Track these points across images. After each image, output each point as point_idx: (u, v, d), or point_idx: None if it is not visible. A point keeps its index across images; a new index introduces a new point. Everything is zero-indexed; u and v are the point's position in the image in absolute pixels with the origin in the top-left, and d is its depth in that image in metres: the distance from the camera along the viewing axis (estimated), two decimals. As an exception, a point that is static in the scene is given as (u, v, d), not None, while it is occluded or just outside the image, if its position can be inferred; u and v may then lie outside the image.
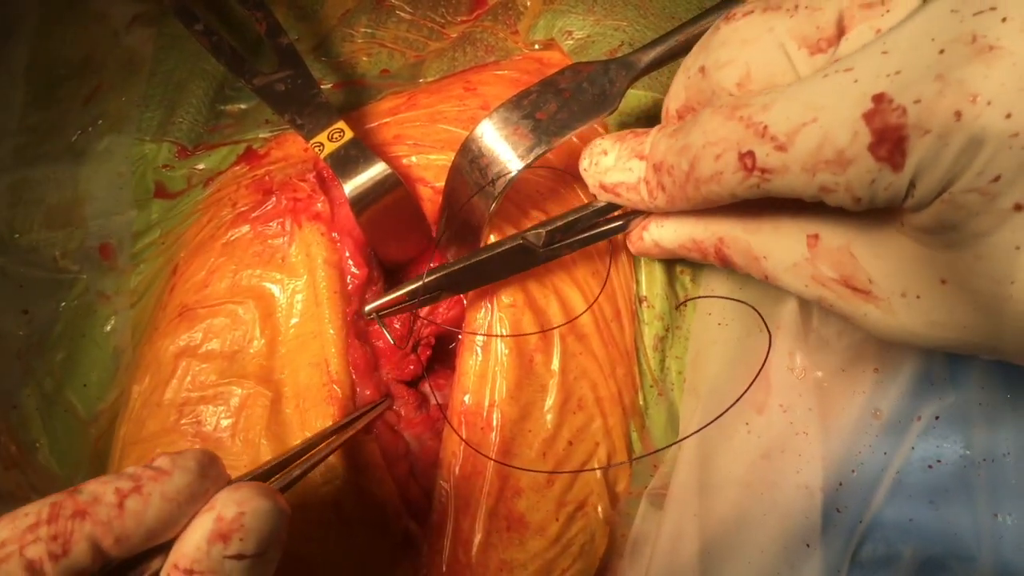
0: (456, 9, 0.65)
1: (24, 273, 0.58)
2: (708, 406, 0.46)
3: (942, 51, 0.28)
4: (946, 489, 0.42)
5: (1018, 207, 0.28)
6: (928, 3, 0.30)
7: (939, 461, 0.43)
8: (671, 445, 0.48)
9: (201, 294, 0.50)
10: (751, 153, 0.33)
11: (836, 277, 0.35)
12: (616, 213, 0.45)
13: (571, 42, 0.57)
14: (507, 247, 0.45)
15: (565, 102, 0.44)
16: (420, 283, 0.45)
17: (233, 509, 0.30)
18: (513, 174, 0.43)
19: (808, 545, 0.43)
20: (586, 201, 0.51)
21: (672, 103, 0.41)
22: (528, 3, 0.61)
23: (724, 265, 0.40)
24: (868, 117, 0.29)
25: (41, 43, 0.64)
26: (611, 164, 0.43)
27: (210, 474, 0.31)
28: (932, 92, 0.28)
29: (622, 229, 0.45)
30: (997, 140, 0.27)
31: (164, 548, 0.30)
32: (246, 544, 0.29)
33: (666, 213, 0.42)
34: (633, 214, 0.44)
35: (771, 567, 0.43)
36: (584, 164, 0.44)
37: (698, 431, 0.45)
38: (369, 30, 0.64)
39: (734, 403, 0.45)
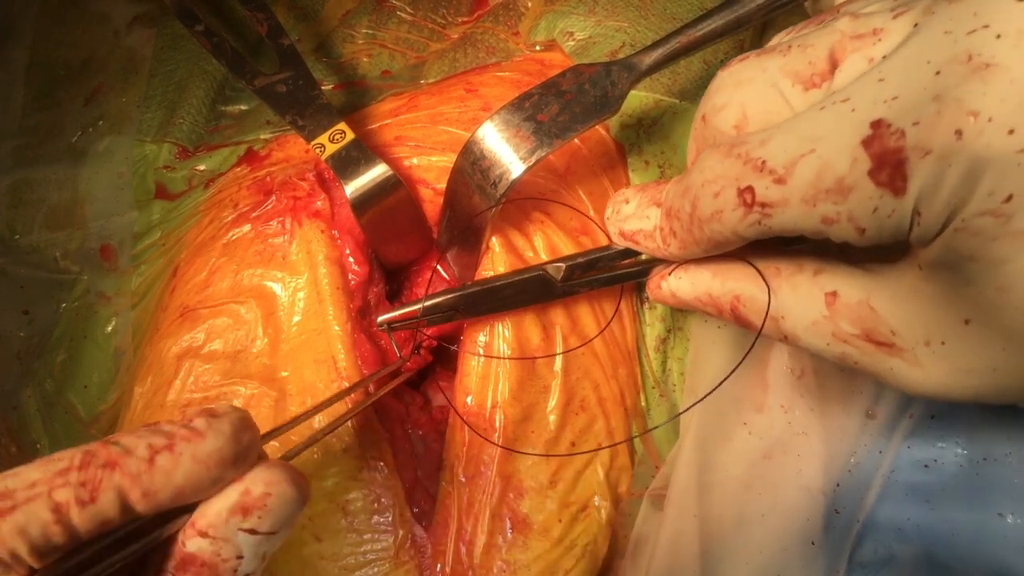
0: (457, 10, 0.65)
1: (25, 274, 0.58)
2: (707, 406, 0.47)
3: (938, 72, 0.28)
4: (943, 489, 0.42)
5: None
6: (920, 27, 0.30)
7: (936, 461, 0.42)
8: (656, 427, 0.48)
9: (203, 294, 0.50)
10: (750, 188, 0.33)
11: (857, 333, 0.34)
12: (637, 259, 0.45)
13: (572, 43, 0.57)
14: (525, 276, 0.45)
15: (567, 104, 0.44)
16: (434, 301, 0.45)
17: (261, 488, 0.30)
18: (515, 176, 0.43)
19: (809, 545, 0.43)
20: (591, 206, 0.51)
21: (689, 155, 0.41)
22: (529, 4, 0.61)
23: (740, 325, 0.39)
24: (867, 143, 0.29)
25: (41, 44, 0.64)
26: (631, 212, 0.43)
27: (243, 439, 0.31)
28: (930, 113, 0.27)
29: (642, 275, 0.45)
30: (1003, 157, 0.26)
31: (191, 509, 0.30)
32: (263, 522, 0.30)
33: (684, 262, 0.42)
34: (654, 261, 0.44)
35: (770, 567, 0.43)
36: (608, 213, 0.45)
37: (688, 409, 0.45)
38: (370, 31, 0.64)
39: (732, 372, 0.43)
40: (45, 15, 0.64)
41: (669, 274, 0.42)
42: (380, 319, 0.46)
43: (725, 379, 0.42)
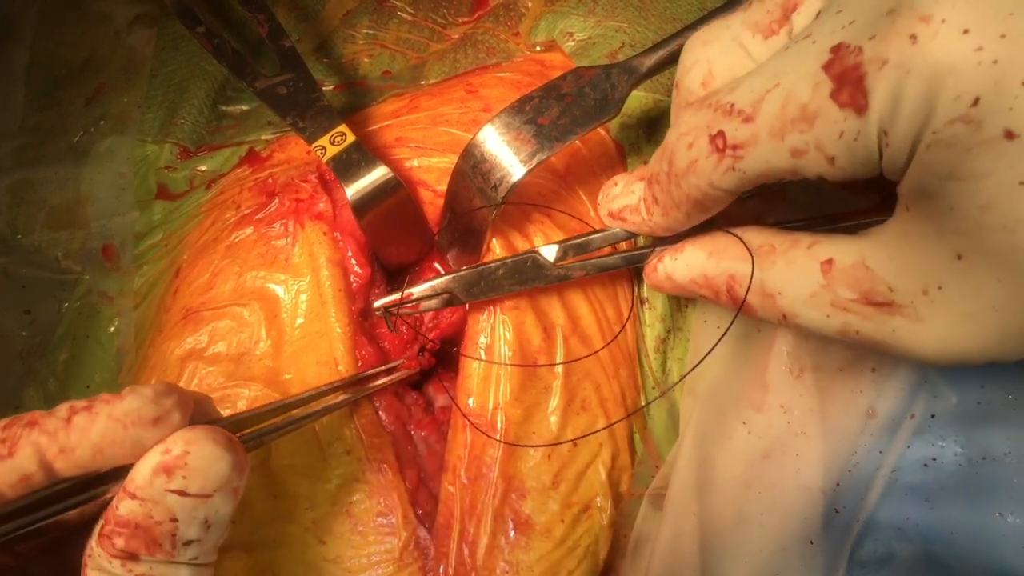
0: (457, 10, 0.65)
1: (26, 274, 0.59)
2: (707, 406, 0.47)
3: None
4: (943, 488, 0.42)
5: (1009, 134, 0.26)
6: None
7: (935, 460, 0.42)
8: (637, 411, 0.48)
9: (206, 296, 0.50)
10: (721, 133, 0.33)
11: (856, 296, 0.33)
12: (632, 246, 0.46)
13: (572, 43, 0.57)
14: (518, 258, 0.46)
15: (567, 107, 0.44)
16: (429, 284, 0.45)
17: (180, 447, 0.31)
18: (516, 180, 0.43)
19: (808, 544, 0.43)
20: (591, 207, 0.51)
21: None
22: (529, 4, 0.61)
23: (736, 306, 0.38)
24: (827, 66, 0.29)
25: (42, 44, 0.64)
26: (619, 192, 0.43)
27: (164, 403, 0.32)
28: (885, 24, 0.27)
29: (636, 261, 0.45)
30: (962, 58, 0.26)
31: (125, 474, 0.31)
32: (188, 482, 0.31)
33: (672, 238, 0.42)
34: (647, 247, 0.44)
35: (770, 567, 0.43)
36: (599, 199, 0.45)
37: (679, 381, 0.46)
38: (371, 31, 0.64)
39: (721, 337, 0.43)
40: (46, 15, 0.64)
41: (665, 256, 0.42)
42: (376, 303, 0.46)
43: (714, 347, 0.43)
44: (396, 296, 0.46)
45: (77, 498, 0.32)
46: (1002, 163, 0.26)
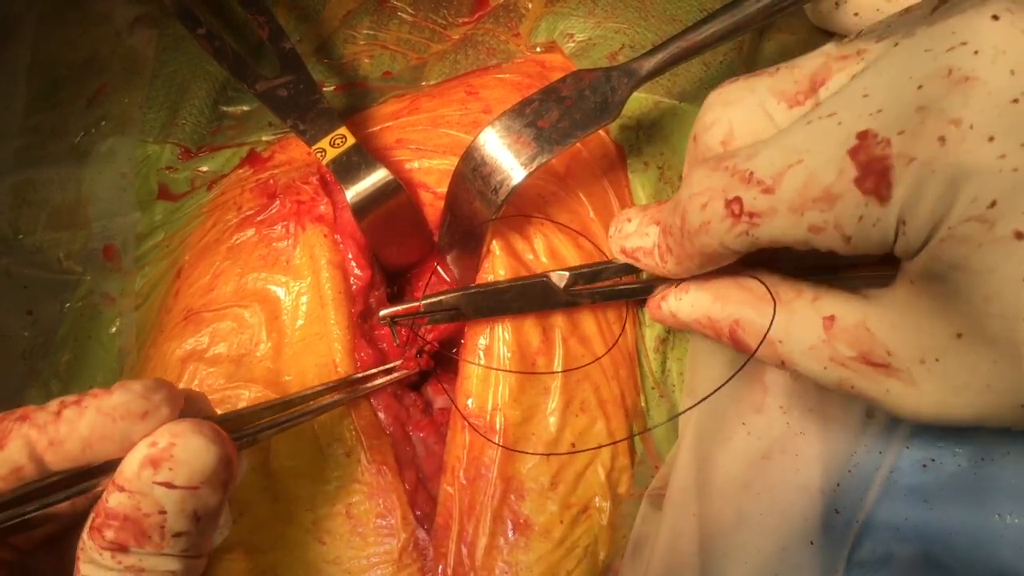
0: (458, 11, 0.65)
1: (28, 274, 0.59)
2: (706, 407, 0.47)
3: (920, 87, 0.29)
4: (942, 489, 0.42)
5: (1019, 235, 0.27)
6: (901, 46, 0.31)
7: (934, 460, 0.42)
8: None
9: (207, 297, 0.51)
10: (738, 199, 0.34)
11: (854, 355, 0.34)
12: (639, 278, 0.46)
13: (572, 44, 0.57)
14: (529, 281, 0.46)
15: (567, 110, 0.44)
16: (437, 299, 0.46)
17: (166, 439, 0.31)
18: (516, 183, 0.43)
19: (808, 544, 0.43)
20: (591, 208, 0.51)
21: (684, 176, 0.42)
22: (529, 5, 0.61)
23: (738, 349, 0.39)
24: (853, 152, 0.30)
25: (43, 44, 0.64)
26: (632, 230, 0.44)
27: (153, 397, 0.32)
28: (914, 123, 0.28)
29: (643, 293, 0.45)
30: (984, 163, 0.27)
31: (116, 468, 0.32)
32: (175, 474, 0.31)
33: (683, 281, 0.42)
34: (655, 280, 0.45)
35: (769, 567, 0.43)
36: (611, 231, 0.46)
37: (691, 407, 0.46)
38: (371, 32, 0.64)
39: (725, 383, 0.44)
40: (47, 15, 0.64)
41: (670, 295, 0.42)
42: (382, 312, 0.47)
43: (719, 388, 0.43)
44: (404, 307, 0.46)
45: (67, 491, 0.32)
46: (1010, 261, 0.28)
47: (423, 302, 0.46)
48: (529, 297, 0.46)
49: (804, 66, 0.36)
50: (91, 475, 0.32)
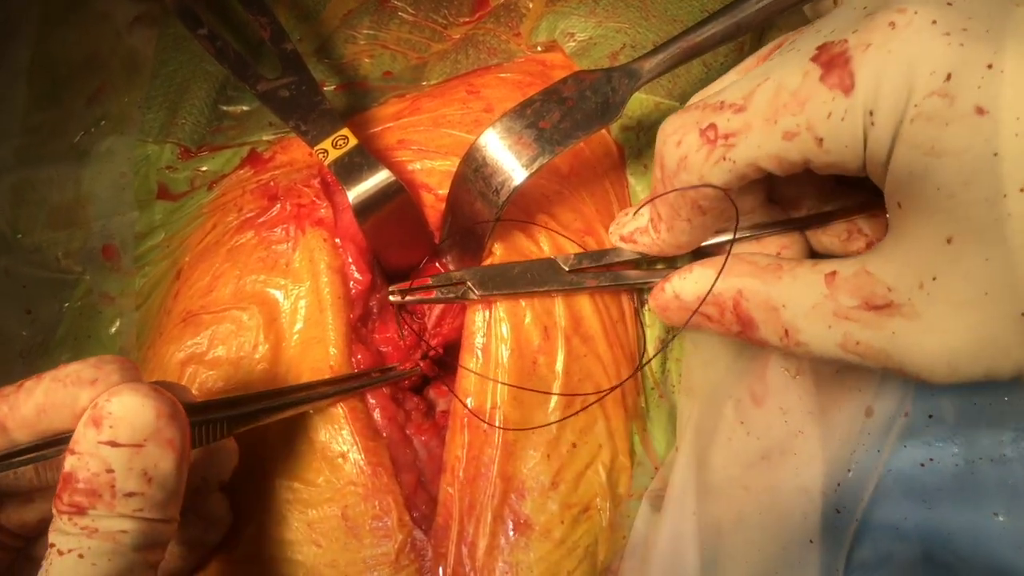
0: (458, 10, 0.65)
1: (27, 273, 0.59)
2: (706, 407, 0.47)
3: (866, 7, 0.33)
4: (940, 488, 0.42)
5: (979, 110, 0.29)
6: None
7: (932, 460, 0.42)
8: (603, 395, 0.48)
9: (206, 299, 0.50)
10: (712, 125, 0.36)
11: (856, 303, 0.34)
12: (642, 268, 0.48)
13: (573, 44, 0.57)
14: (535, 261, 0.48)
15: (568, 111, 0.44)
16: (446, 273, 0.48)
17: (104, 397, 0.32)
18: (517, 184, 0.43)
19: (808, 544, 0.43)
20: (594, 207, 0.52)
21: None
22: (530, 5, 0.61)
23: (741, 325, 0.39)
24: (815, 58, 0.33)
25: (43, 43, 0.64)
26: (628, 218, 0.46)
27: (104, 367, 0.34)
28: (866, 21, 0.31)
29: (647, 280, 0.47)
30: (932, 38, 0.30)
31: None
32: (116, 431, 0.32)
33: (677, 247, 0.44)
34: (659, 272, 0.46)
35: (769, 568, 0.43)
36: (611, 228, 0.48)
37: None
38: (371, 32, 0.64)
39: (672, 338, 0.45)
40: (47, 15, 0.64)
41: (674, 276, 0.43)
42: (392, 288, 0.48)
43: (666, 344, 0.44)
44: (411, 284, 0.48)
45: (30, 455, 0.34)
46: (977, 138, 0.29)
47: (432, 276, 0.48)
48: (535, 275, 0.47)
49: (767, 48, 0.41)
50: (56, 444, 0.34)
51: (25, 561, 0.39)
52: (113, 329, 0.57)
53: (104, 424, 0.31)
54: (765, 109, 0.34)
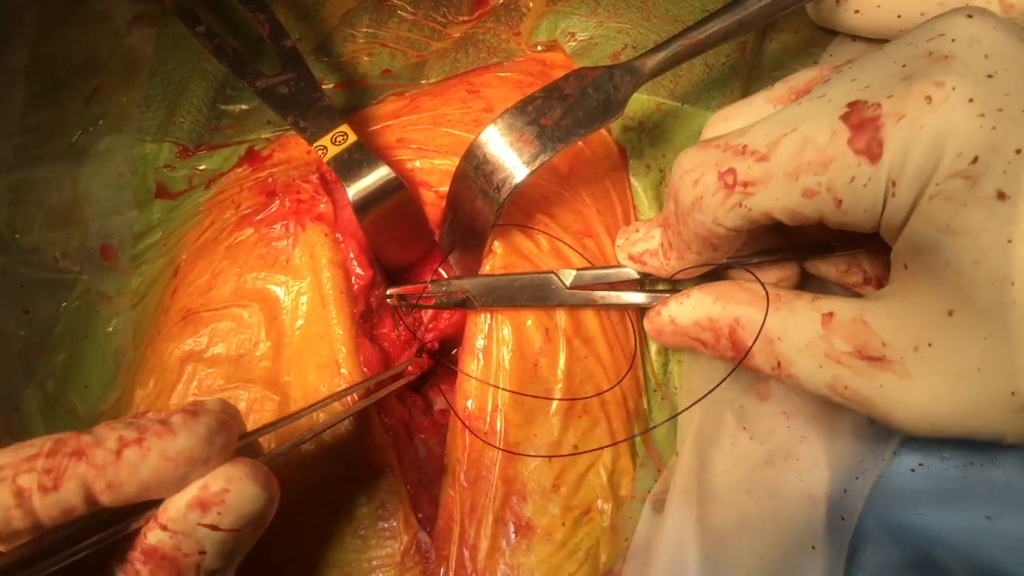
0: (458, 9, 0.65)
1: (25, 273, 0.58)
2: (709, 411, 0.47)
3: (904, 66, 0.32)
4: (932, 493, 0.42)
5: (1001, 195, 0.29)
6: (883, 46, 0.34)
7: (921, 465, 0.42)
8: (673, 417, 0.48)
9: (205, 297, 0.50)
10: (731, 170, 0.35)
11: (850, 350, 0.34)
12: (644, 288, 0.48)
13: (574, 44, 0.57)
14: (537, 275, 0.47)
15: (570, 108, 0.44)
16: (447, 280, 0.47)
17: (221, 483, 0.31)
18: (518, 181, 0.43)
19: (809, 550, 0.43)
20: (594, 208, 0.51)
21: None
22: (531, 4, 0.61)
23: (735, 351, 0.40)
24: (845, 117, 0.32)
25: (42, 43, 0.64)
26: (639, 237, 0.46)
27: (216, 441, 0.31)
28: (902, 87, 0.31)
29: (645, 304, 0.46)
30: (966, 120, 0.29)
31: (159, 503, 0.31)
32: (223, 519, 0.31)
33: (683, 278, 0.44)
34: (660, 292, 0.46)
35: (771, 573, 0.43)
36: (618, 241, 0.48)
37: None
38: (371, 30, 0.64)
39: (722, 381, 0.44)
40: (46, 14, 0.64)
41: (671, 300, 0.43)
42: (389, 291, 0.48)
43: (719, 384, 0.43)
44: (410, 287, 0.47)
45: (112, 529, 0.31)
46: (994, 221, 0.29)
47: (430, 282, 0.47)
48: (536, 291, 0.47)
49: (799, 77, 0.40)
50: (136, 510, 0.31)
51: None
52: (110, 328, 0.57)
53: (213, 511, 0.30)
54: (788, 163, 0.33)
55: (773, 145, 0.34)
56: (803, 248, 0.44)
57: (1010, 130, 0.29)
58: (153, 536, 0.30)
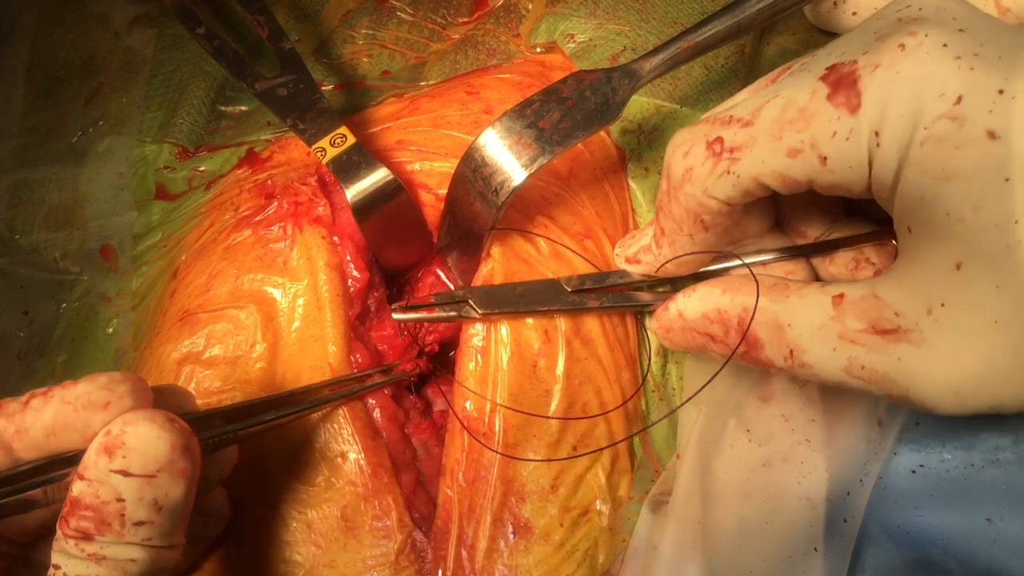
0: (457, 11, 0.65)
1: (25, 274, 0.58)
2: (711, 413, 0.47)
3: (876, 32, 0.33)
4: (931, 494, 0.42)
5: (991, 135, 0.28)
6: (857, 26, 0.35)
7: (921, 466, 0.42)
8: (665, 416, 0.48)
9: (203, 298, 0.50)
10: (719, 138, 0.36)
11: (863, 327, 0.33)
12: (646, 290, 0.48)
13: (573, 45, 0.57)
14: (538, 282, 0.47)
15: (568, 111, 0.44)
16: (448, 292, 0.47)
17: (119, 427, 0.32)
18: (516, 184, 0.43)
19: (812, 552, 0.43)
20: (593, 210, 0.51)
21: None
22: (530, 6, 0.61)
23: (746, 344, 0.39)
24: (824, 77, 0.33)
25: (42, 44, 0.64)
26: (633, 240, 0.47)
27: (117, 389, 0.33)
28: (876, 43, 0.32)
29: (650, 303, 0.47)
30: (942, 63, 0.29)
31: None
32: (129, 462, 0.31)
33: (678, 264, 0.44)
34: (663, 294, 0.46)
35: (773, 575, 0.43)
36: (616, 251, 0.48)
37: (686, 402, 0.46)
38: (370, 31, 0.64)
39: (720, 369, 0.43)
40: (46, 16, 0.64)
41: (678, 295, 0.43)
42: (394, 305, 0.48)
43: (715, 375, 0.42)
44: (414, 302, 0.47)
45: (38, 478, 0.33)
46: (988, 162, 0.28)
47: (434, 295, 0.47)
48: (537, 294, 0.47)
49: (779, 70, 0.41)
50: (63, 464, 0.33)
51: (21, 567, 0.39)
52: (110, 329, 0.57)
53: (117, 454, 0.31)
54: (771, 125, 0.34)
55: (757, 111, 0.35)
56: (807, 248, 0.43)
57: (989, 72, 0.29)
58: (75, 487, 0.31)
